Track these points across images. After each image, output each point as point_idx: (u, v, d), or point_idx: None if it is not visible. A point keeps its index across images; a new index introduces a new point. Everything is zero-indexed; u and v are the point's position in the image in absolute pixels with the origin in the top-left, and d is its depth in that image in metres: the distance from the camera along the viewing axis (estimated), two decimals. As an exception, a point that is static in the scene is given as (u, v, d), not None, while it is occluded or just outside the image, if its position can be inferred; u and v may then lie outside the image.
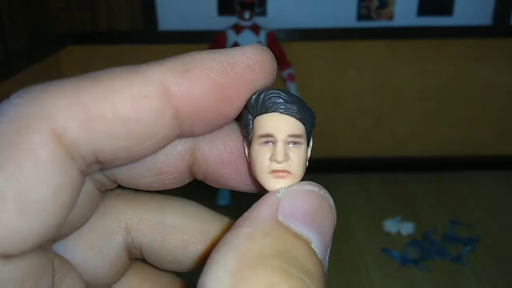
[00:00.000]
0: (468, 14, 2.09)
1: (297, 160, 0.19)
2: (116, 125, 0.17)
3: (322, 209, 0.18)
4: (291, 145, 0.19)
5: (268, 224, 0.17)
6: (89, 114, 0.17)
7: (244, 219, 0.18)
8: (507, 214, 1.95)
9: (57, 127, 0.17)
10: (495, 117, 2.26)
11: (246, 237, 0.16)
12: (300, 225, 0.17)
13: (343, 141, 2.29)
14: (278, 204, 0.18)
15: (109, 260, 0.23)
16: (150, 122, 0.18)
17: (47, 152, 0.16)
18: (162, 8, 2.08)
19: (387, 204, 2.02)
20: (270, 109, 0.19)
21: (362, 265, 1.67)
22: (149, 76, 0.18)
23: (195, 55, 0.19)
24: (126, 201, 0.24)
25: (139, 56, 2.08)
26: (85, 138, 0.17)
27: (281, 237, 0.17)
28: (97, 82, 0.17)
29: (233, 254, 0.16)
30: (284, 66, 1.96)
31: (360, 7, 2.10)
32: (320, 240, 0.18)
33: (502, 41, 2.14)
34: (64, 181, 0.17)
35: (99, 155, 0.18)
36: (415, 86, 2.21)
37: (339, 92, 2.22)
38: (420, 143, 2.31)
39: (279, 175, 0.19)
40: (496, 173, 2.28)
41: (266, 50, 0.20)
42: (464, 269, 1.63)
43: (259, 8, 2.00)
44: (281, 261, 0.16)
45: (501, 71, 2.18)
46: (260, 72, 0.19)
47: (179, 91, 0.18)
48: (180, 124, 0.19)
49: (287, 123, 0.19)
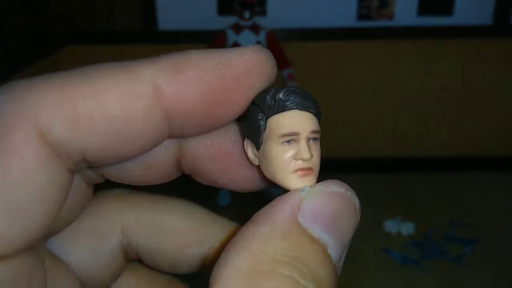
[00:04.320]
0: (468, 14, 2.09)
1: (317, 156, 0.19)
2: (103, 125, 0.17)
3: (345, 212, 0.18)
4: (311, 141, 0.19)
5: (287, 226, 0.17)
6: (76, 112, 0.16)
7: (264, 215, 0.17)
8: (507, 214, 1.95)
9: (42, 125, 0.16)
10: (495, 117, 2.26)
11: (262, 237, 0.16)
12: (320, 228, 0.17)
13: (343, 141, 2.29)
14: (301, 203, 0.17)
15: (104, 261, 0.22)
16: (139, 122, 0.17)
17: (32, 151, 0.16)
18: (162, 8, 2.08)
19: (387, 204, 2.02)
20: (288, 107, 0.18)
21: (362, 265, 1.67)
22: (140, 75, 0.17)
23: (190, 55, 0.18)
24: (122, 202, 0.23)
25: (139, 56, 2.04)
26: (71, 138, 0.16)
27: (297, 241, 0.16)
28: (85, 79, 0.17)
29: (246, 254, 0.16)
30: (284, 66, 1.96)
31: (360, 7, 2.09)
32: (338, 244, 0.17)
33: (502, 41, 2.14)
34: (51, 180, 0.16)
35: (86, 154, 0.17)
36: (415, 86, 2.21)
37: (339, 92, 2.22)
38: (420, 143, 2.31)
39: (306, 173, 0.18)
40: (496, 173, 2.28)
41: (266, 52, 0.19)
42: (464, 269, 1.63)
43: (259, 8, 2.00)
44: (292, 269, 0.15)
45: (501, 71, 2.18)
46: (258, 76, 0.18)
47: (170, 92, 0.17)
48: (170, 125, 0.18)
49: (308, 119, 0.19)
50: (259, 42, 1.90)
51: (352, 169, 2.30)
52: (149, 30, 2.09)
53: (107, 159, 0.18)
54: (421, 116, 2.26)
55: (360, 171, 2.30)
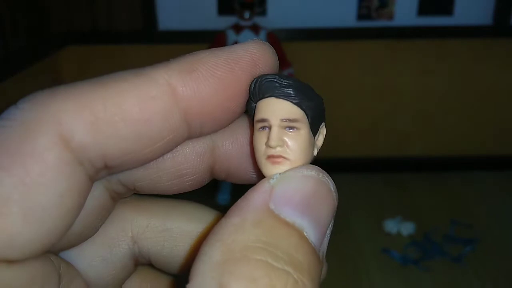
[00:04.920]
0: (468, 14, 2.09)
1: (294, 146, 0.19)
2: (124, 128, 0.17)
3: (318, 194, 0.18)
4: (288, 130, 0.19)
5: (258, 214, 0.16)
6: (97, 117, 0.17)
7: (235, 208, 0.17)
8: (507, 214, 1.95)
9: (64, 131, 0.16)
10: (495, 117, 2.26)
11: (234, 227, 0.16)
12: (292, 212, 0.17)
13: (343, 141, 2.29)
14: (271, 191, 0.17)
15: (114, 269, 0.22)
16: (159, 123, 0.17)
17: (53, 156, 0.16)
18: (162, 8, 2.08)
19: (387, 204, 2.02)
20: (266, 94, 0.19)
21: (362, 265, 1.67)
22: (155, 78, 0.17)
23: (200, 54, 0.18)
24: (131, 209, 0.23)
25: (139, 56, 2.08)
26: (93, 142, 0.17)
27: (270, 227, 0.16)
28: (103, 86, 0.17)
29: (219, 245, 0.16)
30: (284, 66, 1.96)
31: (360, 7, 2.09)
32: (315, 227, 0.17)
33: (502, 41, 2.14)
34: (71, 186, 0.17)
35: (107, 159, 0.17)
36: (415, 86, 2.21)
37: (339, 92, 2.22)
38: (420, 143, 2.31)
39: (275, 161, 0.18)
40: (496, 173, 2.28)
41: (267, 45, 0.20)
42: (464, 269, 1.63)
43: (259, 8, 2.00)
44: (266, 254, 0.15)
45: (501, 71, 2.18)
46: (264, 66, 0.19)
47: (186, 91, 0.18)
48: (189, 125, 0.18)
49: (281, 107, 0.19)
50: (259, 42, 1.90)
51: (352, 169, 2.30)
52: (149, 30, 2.08)
53: (128, 163, 0.18)
54: (421, 116, 2.26)
55: (360, 171, 2.30)
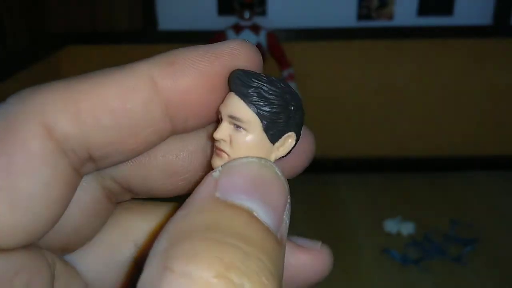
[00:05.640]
0: (468, 14, 2.09)
1: (236, 145, 0.19)
2: (105, 118, 0.17)
3: (264, 176, 0.17)
4: (235, 128, 0.19)
5: (204, 202, 0.16)
6: (79, 107, 0.17)
7: (183, 204, 0.17)
8: (507, 214, 1.95)
9: (47, 121, 0.17)
10: (495, 117, 2.26)
11: (179, 218, 0.16)
12: (239, 196, 0.16)
13: (343, 141, 2.29)
14: (216, 182, 0.17)
15: (115, 273, 0.22)
16: (139, 114, 0.18)
17: (37, 146, 0.16)
18: (162, 8, 2.08)
19: (387, 204, 2.02)
20: (231, 88, 0.19)
21: (362, 265, 1.67)
22: (136, 70, 0.18)
23: (181, 49, 0.19)
24: (133, 213, 0.23)
25: (139, 56, 2.05)
26: (75, 132, 0.17)
27: (215, 211, 0.16)
28: (87, 80, 0.18)
29: (165, 235, 0.15)
30: (284, 66, 1.96)
31: (360, 6, 2.09)
32: (266, 208, 0.17)
33: (502, 41, 2.14)
34: (55, 175, 0.17)
35: (91, 149, 0.18)
36: (415, 86, 2.21)
37: (339, 92, 2.22)
38: (420, 143, 2.31)
39: (218, 153, 0.19)
40: (496, 173, 2.28)
41: (250, 44, 0.20)
42: (464, 269, 1.63)
43: (259, 8, 2.00)
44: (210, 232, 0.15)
45: (501, 71, 2.18)
46: (244, 62, 0.19)
47: (166, 83, 0.18)
48: (171, 118, 0.19)
49: (233, 104, 0.19)
50: (259, 42, 1.90)
51: (352, 169, 2.30)
52: (149, 30, 2.09)
53: (112, 155, 0.19)
54: (421, 116, 2.26)
55: (360, 171, 2.30)
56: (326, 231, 1.79)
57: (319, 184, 2.14)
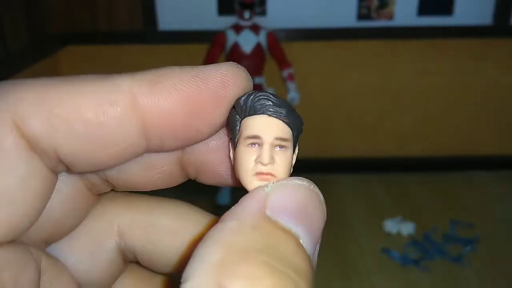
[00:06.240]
0: (468, 14, 2.09)
1: (282, 164, 0.19)
2: (77, 127, 0.17)
3: (311, 204, 0.18)
4: (277, 148, 0.19)
5: (256, 218, 0.16)
6: (52, 112, 0.17)
7: (231, 213, 0.17)
8: (507, 214, 1.95)
9: (19, 119, 0.17)
10: (495, 117, 2.26)
11: (232, 230, 0.16)
12: (289, 220, 0.17)
13: (343, 141, 2.29)
14: (266, 198, 0.17)
15: (102, 263, 0.23)
16: (113, 129, 0.18)
17: (9, 142, 0.17)
18: (162, 8, 2.08)
19: (387, 204, 2.02)
20: (259, 111, 0.19)
21: (362, 265, 1.67)
22: (118, 84, 0.18)
23: (167, 69, 0.18)
24: (118, 204, 0.23)
25: (139, 56, 2.08)
26: (45, 135, 0.17)
27: (268, 231, 0.16)
28: (66, 84, 0.18)
29: (218, 247, 0.15)
30: (284, 66, 1.96)
31: (360, 6, 2.09)
32: (309, 236, 0.17)
33: (502, 41, 2.14)
34: (30, 170, 0.17)
35: (60, 154, 0.18)
36: (415, 86, 2.21)
37: (339, 92, 2.22)
38: (420, 143, 2.31)
39: (264, 178, 0.19)
40: (496, 173, 2.28)
41: (241, 68, 0.19)
42: (464, 269, 1.63)
43: (259, 8, 2.00)
44: (266, 255, 0.15)
45: (501, 71, 2.18)
46: (234, 88, 0.19)
47: (146, 102, 0.18)
48: (147, 136, 0.18)
49: (275, 126, 0.19)
50: (259, 42, 1.90)
51: (352, 169, 2.30)
52: (149, 30, 2.09)
53: (82, 163, 0.18)
54: (421, 116, 2.26)
55: (360, 171, 2.30)
56: (326, 231, 1.79)
57: (319, 184, 2.12)
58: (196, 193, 0.42)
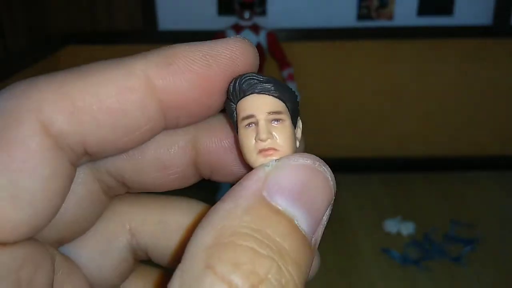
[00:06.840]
0: (468, 14, 2.09)
1: (282, 137, 0.19)
2: (102, 117, 0.18)
3: (313, 183, 0.18)
4: (274, 123, 0.19)
5: (250, 201, 0.17)
6: (76, 106, 0.17)
7: (230, 192, 0.17)
8: (507, 214, 1.95)
9: (45, 119, 0.17)
10: (495, 117, 2.26)
11: (226, 212, 0.16)
12: (285, 201, 0.17)
13: (343, 141, 2.29)
14: (265, 178, 0.17)
15: (113, 262, 0.23)
16: (135, 114, 0.18)
17: (35, 143, 0.17)
18: (162, 8, 2.08)
19: (387, 204, 2.02)
20: (248, 92, 0.19)
21: (362, 265, 1.67)
22: (133, 69, 0.18)
23: (178, 47, 0.19)
24: (129, 203, 0.24)
25: None
26: (72, 130, 0.17)
27: (259, 214, 0.16)
28: (83, 76, 0.18)
29: (210, 230, 0.16)
30: (284, 66, 1.96)
31: (360, 7, 2.09)
32: (308, 217, 0.17)
33: (502, 41, 2.14)
34: (54, 171, 0.17)
35: (86, 146, 0.18)
36: (415, 86, 2.21)
37: (339, 92, 2.22)
38: (420, 143, 2.31)
39: (267, 153, 0.19)
40: (496, 173, 2.27)
41: (248, 43, 0.20)
42: (464, 269, 1.63)
43: (259, 8, 2.00)
44: (252, 240, 0.15)
45: (501, 71, 2.18)
46: (242, 64, 0.19)
47: (163, 84, 0.18)
48: (165, 116, 0.19)
49: (265, 101, 0.19)
50: (259, 42, 1.90)
51: (352, 169, 2.30)
52: (149, 30, 2.09)
53: (107, 150, 0.19)
54: (421, 116, 2.26)
55: (360, 171, 2.30)
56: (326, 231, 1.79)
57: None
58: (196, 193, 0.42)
